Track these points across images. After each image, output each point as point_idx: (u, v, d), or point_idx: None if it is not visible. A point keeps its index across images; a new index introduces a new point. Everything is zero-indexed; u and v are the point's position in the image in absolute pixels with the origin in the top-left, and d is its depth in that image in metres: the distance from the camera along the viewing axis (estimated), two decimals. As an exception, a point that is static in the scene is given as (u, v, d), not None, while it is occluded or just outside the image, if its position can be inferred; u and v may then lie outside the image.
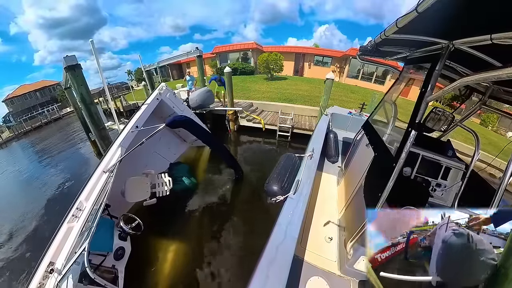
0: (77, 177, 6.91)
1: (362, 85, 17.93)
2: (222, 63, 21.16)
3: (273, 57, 14.64)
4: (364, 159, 2.14)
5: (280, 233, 1.62)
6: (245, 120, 8.44)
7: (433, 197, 1.98)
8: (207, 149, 6.05)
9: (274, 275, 1.31)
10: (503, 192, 1.06)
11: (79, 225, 2.25)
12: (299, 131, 7.67)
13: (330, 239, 2.19)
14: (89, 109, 4.67)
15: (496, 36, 0.83)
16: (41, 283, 1.86)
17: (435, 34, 1.29)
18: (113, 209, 3.27)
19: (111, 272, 2.60)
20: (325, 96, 6.60)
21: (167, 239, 3.61)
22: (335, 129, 4.41)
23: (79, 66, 4.36)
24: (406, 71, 2.24)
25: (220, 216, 4.20)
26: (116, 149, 3.05)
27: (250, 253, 3.15)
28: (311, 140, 3.33)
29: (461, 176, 1.93)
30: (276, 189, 2.27)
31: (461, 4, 0.88)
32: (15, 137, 17.95)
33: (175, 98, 4.60)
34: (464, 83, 1.03)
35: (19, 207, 5.64)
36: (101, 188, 2.58)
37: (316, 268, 1.88)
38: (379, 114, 2.66)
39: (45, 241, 2.13)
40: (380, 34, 1.51)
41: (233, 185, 5.01)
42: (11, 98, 29.06)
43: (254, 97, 10.85)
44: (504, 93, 1.84)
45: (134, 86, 26.73)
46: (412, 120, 1.35)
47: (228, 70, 7.71)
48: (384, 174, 1.45)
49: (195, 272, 3.13)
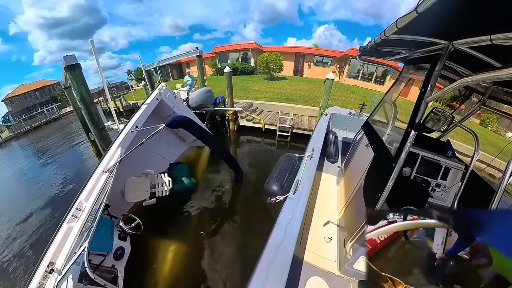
0: (76, 177, 6.90)
1: (362, 85, 17.94)
2: (222, 63, 21.16)
3: (273, 57, 14.63)
4: (363, 159, 2.14)
5: (280, 233, 1.62)
6: (245, 120, 8.44)
7: (432, 197, 1.99)
8: (207, 149, 6.05)
9: (273, 275, 1.31)
10: (503, 192, 1.06)
11: (79, 225, 2.25)
12: (299, 131, 7.68)
13: (329, 239, 2.20)
14: (88, 109, 4.66)
15: (495, 37, 0.83)
16: (41, 283, 1.86)
17: (434, 35, 1.29)
18: (113, 209, 3.27)
19: (111, 272, 2.60)
20: (325, 96, 6.60)
21: (167, 239, 3.61)
22: (335, 129, 4.41)
23: (79, 66, 4.35)
24: (406, 71, 2.24)
25: (219, 216, 4.20)
26: (116, 149, 3.05)
27: (250, 253, 3.15)
28: (311, 140, 3.33)
29: (460, 176, 1.93)
30: (276, 189, 2.28)
31: (461, 4, 0.88)
32: (14, 137, 17.92)
33: (175, 98, 4.60)
34: (463, 84, 1.03)
35: (18, 207, 5.63)
36: (101, 188, 2.57)
37: (316, 268, 1.89)
38: (379, 114, 2.66)
39: (45, 241, 2.13)
40: (380, 34, 1.52)
41: (232, 185, 5.01)
42: (11, 98, 29.02)
43: (254, 97, 10.85)
44: (504, 94, 1.85)
45: (134, 85, 26.71)
46: (412, 120, 1.35)
47: (228, 70, 7.71)
48: (383, 174, 1.45)
49: (195, 272, 3.13)
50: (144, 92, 12.10)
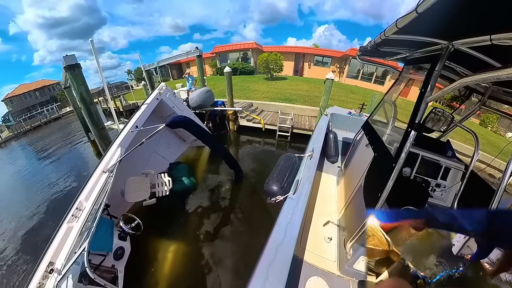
0: (76, 177, 6.90)
1: (362, 85, 17.94)
2: (222, 63, 21.16)
3: (273, 57, 14.63)
4: (363, 159, 2.14)
5: (280, 233, 1.62)
6: (245, 120, 8.44)
7: (432, 198, 1.99)
8: (207, 149, 6.05)
9: (273, 275, 1.31)
10: (503, 192, 1.06)
11: (79, 225, 2.25)
12: (299, 131, 7.68)
13: (329, 239, 2.20)
14: (88, 109, 4.66)
15: (495, 37, 0.83)
16: (41, 283, 1.86)
17: (434, 35, 1.29)
18: (113, 209, 3.27)
19: (110, 272, 2.60)
20: (325, 96, 6.60)
21: (167, 239, 3.61)
22: (335, 129, 4.41)
23: (79, 66, 4.35)
24: (406, 71, 2.24)
25: (219, 216, 4.20)
26: (116, 149, 3.05)
27: (249, 253, 3.15)
28: (310, 140, 3.34)
29: (460, 177, 1.93)
30: (276, 189, 2.28)
31: (461, 4, 0.88)
32: (14, 137, 17.90)
33: (175, 98, 4.60)
34: (463, 84, 1.03)
35: (18, 207, 5.63)
36: (101, 188, 2.57)
37: (316, 268, 1.89)
38: (379, 114, 2.66)
39: (44, 240, 2.13)
40: (380, 34, 1.52)
41: (232, 185, 5.01)
42: (11, 98, 29.01)
43: (254, 97, 10.84)
44: (504, 94, 1.85)
45: (134, 85, 26.70)
46: (412, 121, 1.36)
47: (228, 70, 7.70)
48: (383, 174, 1.45)
49: (195, 272, 3.14)
50: (144, 92, 12.10)
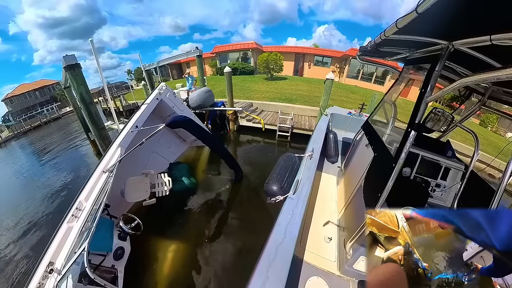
0: (76, 177, 6.90)
1: (362, 85, 17.94)
2: (222, 63, 21.16)
3: (273, 57, 14.62)
4: (363, 160, 2.14)
5: (280, 233, 1.62)
6: (245, 120, 8.44)
7: (432, 198, 1.99)
8: (207, 149, 6.05)
9: (273, 275, 1.31)
10: (503, 192, 1.06)
11: (79, 225, 2.25)
12: (299, 131, 7.68)
13: (329, 239, 2.20)
14: (88, 109, 4.66)
15: (495, 37, 0.83)
16: (41, 283, 1.86)
17: (434, 35, 1.29)
18: (113, 209, 3.26)
19: (110, 272, 2.60)
20: (325, 96, 6.60)
21: (167, 239, 3.61)
22: (335, 129, 4.41)
23: (79, 66, 4.35)
24: (406, 71, 2.24)
25: (219, 216, 4.20)
26: (116, 149, 3.05)
27: (249, 253, 3.15)
28: (310, 140, 3.34)
29: (460, 177, 1.93)
30: (276, 189, 2.28)
31: (461, 4, 0.88)
32: (14, 137, 17.90)
33: (175, 98, 4.60)
34: (463, 84, 1.03)
35: (17, 207, 5.62)
36: (101, 188, 2.57)
37: (316, 268, 1.89)
38: (378, 114, 2.66)
39: (44, 240, 2.13)
40: (380, 34, 1.52)
41: (232, 185, 5.00)
42: (11, 97, 29.00)
43: (254, 97, 10.85)
44: (504, 94, 1.85)
45: (134, 85, 26.69)
46: (412, 121, 1.35)
47: (228, 70, 7.71)
48: (383, 174, 1.45)
49: (195, 272, 3.13)
50: (144, 92, 12.09)
